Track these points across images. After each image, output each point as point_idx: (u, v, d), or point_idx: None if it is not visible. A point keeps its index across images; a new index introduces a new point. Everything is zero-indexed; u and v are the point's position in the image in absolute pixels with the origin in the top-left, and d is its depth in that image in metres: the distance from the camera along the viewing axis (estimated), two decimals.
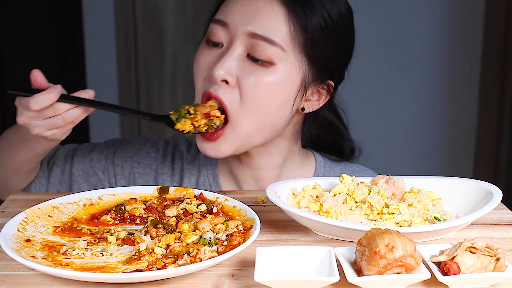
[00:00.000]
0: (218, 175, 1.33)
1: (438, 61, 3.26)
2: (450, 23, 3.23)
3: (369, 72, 3.14)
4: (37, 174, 1.34)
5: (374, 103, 3.29)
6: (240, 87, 1.14)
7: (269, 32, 1.13)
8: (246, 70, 1.14)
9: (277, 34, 1.13)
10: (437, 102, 3.31)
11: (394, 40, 3.23)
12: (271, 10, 1.14)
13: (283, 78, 1.15)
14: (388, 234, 0.80)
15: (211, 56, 1.17)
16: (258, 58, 1.13)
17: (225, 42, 1.17)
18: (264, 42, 1.13)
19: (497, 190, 1.03)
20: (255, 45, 1.13)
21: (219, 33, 1.16)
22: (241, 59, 1.14)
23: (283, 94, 1.16)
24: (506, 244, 0.96)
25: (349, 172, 1.36)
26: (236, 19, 1.15)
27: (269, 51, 1.13)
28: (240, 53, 1.14)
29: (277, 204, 0.97)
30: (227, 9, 1.17)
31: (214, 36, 1.17)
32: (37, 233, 0.93)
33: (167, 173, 1.34)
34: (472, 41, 3.21)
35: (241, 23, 1.14)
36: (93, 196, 1.05)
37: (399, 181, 1.07)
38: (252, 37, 1.13)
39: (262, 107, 1.15)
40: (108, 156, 1.35)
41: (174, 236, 0.91)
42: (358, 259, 0.82)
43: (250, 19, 1.14)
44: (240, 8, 1.15)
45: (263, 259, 0.83)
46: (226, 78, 1.13)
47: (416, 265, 0.80)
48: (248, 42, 1.14)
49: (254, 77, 1.13)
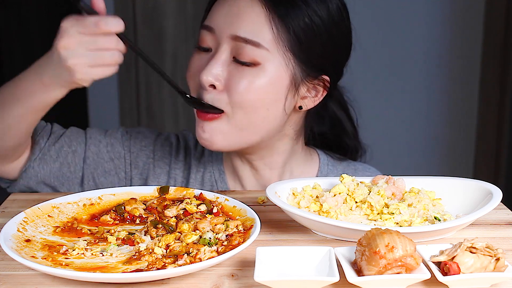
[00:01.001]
0: (225, 172, 1.33)
1: (438, 61, 3.26)
2: (450, 23, 3.22)
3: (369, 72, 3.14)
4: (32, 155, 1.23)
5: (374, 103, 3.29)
6: (228, 90, 1.15)
7: (252, 34, 1.13)
8: (233, 73, 1.15)
9: (260, 36, 1.14)
10: (437, 102, 3.31)
11: (394, 40, 3.23)
12: (253, 13, 1.14)
13: (270, 77, 1.15)
14: (388, 234, 0.80)
15: (201, 61, 1.19)
16: (243, 61, 1.14)
17: (213, 47, 1.18)
18: (248, 45, 1.13)
19: (497, 190, 1.03)
20: (239, 48, 1.14)
21: (207, 38, 1.18)
22: (227, 62, 1.15)
23: (272, 93, 1.16)
24: (506, 244, 0.96)
25: (352, 170, 1.36)
26: (220, 23, 1.16)
27: (253, 53, 1.14)
28: (226, 57, 1.15)
29: (277, 204, 0.97)
30: (213, 14, 1.18)
31: (203, 42, 1.19)
32: (37, 233, 0.93)
33: (180, 168, 1.34)
34: (472, 41, 3.21)
35: (224, 27, 1.15)
36: (93, 196, 1.05)
37: (399, 181, 1.07)
38: (236, 40, 1.14)
39: (252, 107, 1.16)
40: (125, 143, 1.32)
41: (174, 236, 0.91)
42: (358, 259, 0.82)
43: (233, 23, 1.14)
44: (224, 12, 1.16)
45: (263, 259, 0.83)
46: (213, 83, 1.15)
47: (416, 265, 0.80)
48: (233, 45, 1.15)
49: (241, 80, 1.14)
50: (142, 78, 3.47)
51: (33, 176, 1.24)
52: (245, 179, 1.31)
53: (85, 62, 0.98)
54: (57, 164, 1.26)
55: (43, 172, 1.25)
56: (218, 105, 1.16)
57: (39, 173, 1.25)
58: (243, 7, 1.15)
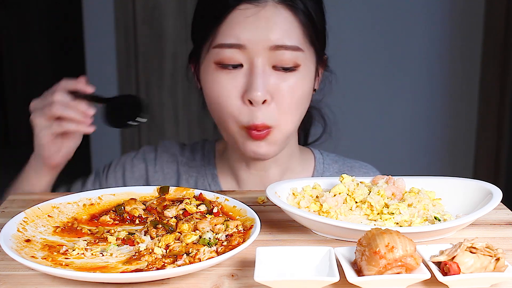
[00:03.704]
0: (218, 175, 1.33)
1: (438, 61, 3.26)
2: (450, 23, 3.23)
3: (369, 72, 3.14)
4: None
5: (374, 103, 3.29)
6: (276, 100, 1.15)
7: (289, 39, 1.14)
8: (277, 82, 1.15)
9: (294, 38, 1.14)
10: (437, 102, 3.31)
11: (394, 40, 3.23)
12: (282, 18, 1.14)
13: (306, 75, 1.17)
14: (388, 234, 0.80)
15: (235, 80, 1.15)
16: (286, 67, 1.15)
17: (244, 62, 1.15)
18: (286, 51, 1.13)
19: (497, 190, 1.03)
20: (278, 55, 1.13)
21: (235, 55, 1.14)
22: (269, 72, 1.15)
23: (309, 88, 1.19)
24: (506, 244, 0.96)
25: (348, 168, 1.36)
26: (252, 37, 1.13)
27: (293, 56, 1.14)
28: (267, 68, 1.15)
29: (277, 204, 0.97)
30: (235, 31, 1.14)
31: (231, 60, 1.15)
32: (37, 233, 0.93)
33: (158, 179, 1.35)
34: (472, 41, 3.21)
35: (259, 41, 1.13)
36: (93, 196, 1.05)
37: (399, 181, 1.07)
38: (274, 49, 1.13)
39: (297, 109, 1.18)
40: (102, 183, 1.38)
41: (174, 236, 0.91)
42: (358, 259, 0.82)
43: (268, 34, 1.13)
44: (252, 26, 1.13)
45: (263, 259, 0.83)
46: (266, 97, 1.14)
47: (416, 265, 0.80)
48: (269, 55, 1.14)
49: (285, 86, 1.15)
50: (142, 78, 3.47)
51: None
52: (245, 180, 1.31)
53: None
54: None
55: None
56: (271, 119, 1.15)
57: None
58: (272, 16, 1.13)
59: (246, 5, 1.13)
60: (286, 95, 1.15)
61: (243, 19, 1.13)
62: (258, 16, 1.13)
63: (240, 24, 1.13)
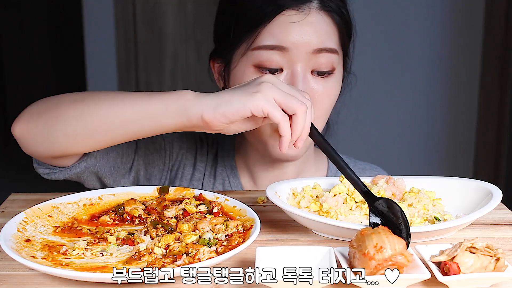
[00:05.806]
0: (237, 168, 1.33)
1: (438, 61, 3.26)
2: (450, 23, 3.23)
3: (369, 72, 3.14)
4: None
5: (374, 103, 3.29)
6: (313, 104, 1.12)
7: (331, 43, 1.16)
8: (314, 87, 1.16)
9: (333, 41, 1.17)
10: (437, 101, 3.31)
11: (394, 40, 3.24)
12: (324, 23, 1.16)
13: (339, 78, 1.21)
14: (377, 234, 0.80)
15: None
16: (322, 71, 1.16)
17: (284, 66, 1.16)
18: (326, 54, 1.15)
19: (497, 190, 1.03)
20: (318, 60, 1.15)
21: (276, 58, 1.15)
22: (308, 78, 1.16)
23: (339, 91, 1.22)
24: (506, 244, 0.96)
25: (359, 170, 1.38)
26: (295, 40, 1.14)
27: (330, 60, 1.16)
28: (306, 73, 1.16)
29: (277, 204, 0.97)
30: (280, 34, 1.14)
31: (271, 63, 1.15)
32: (37, 233, 0.93)
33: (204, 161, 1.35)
34: (472, 41, 3.21)
35: (303, 45, 1.14)
36: (93, 196, 1.05)
37: (399, 181, 1.07)
38: (315, 53, 1.15)
39: (328, 112, 1.21)
40: (164, 134, 1.25)
41: (174, 236, 0.91)
42: (352, 261, 0.82)
43: (313, 39, 1.14)
44: (297, 31, 1.14)
45: (263, 259, 0.83)
46: None
47: (407, 262, 0.80)
48: (310, 59, 1.15)
49: (322, 91, 1.17)
50: (142, 78, 3.47)
51: (91, 166, 1.17)
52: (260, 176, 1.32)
53: None
54: (114, 154, 1.21)
55: (102, 161, 1.18)
56: None
57: (98, 163, 1.18)
58: (316, 23, 1.15)
59: (290, 11, 1.15)
60: (324, 100, 1.17)
61: (288, 24, 1.14)
62: (303, 22, 1.15)
63: (285, 27, 1.15)
